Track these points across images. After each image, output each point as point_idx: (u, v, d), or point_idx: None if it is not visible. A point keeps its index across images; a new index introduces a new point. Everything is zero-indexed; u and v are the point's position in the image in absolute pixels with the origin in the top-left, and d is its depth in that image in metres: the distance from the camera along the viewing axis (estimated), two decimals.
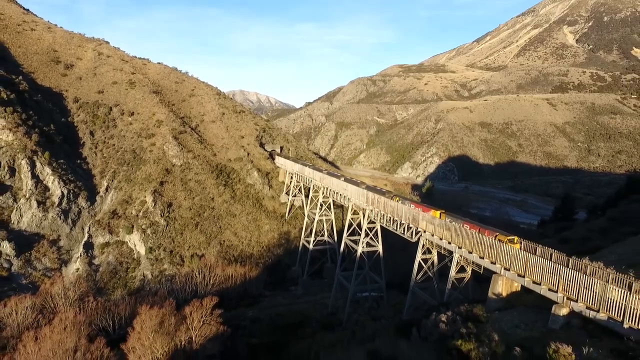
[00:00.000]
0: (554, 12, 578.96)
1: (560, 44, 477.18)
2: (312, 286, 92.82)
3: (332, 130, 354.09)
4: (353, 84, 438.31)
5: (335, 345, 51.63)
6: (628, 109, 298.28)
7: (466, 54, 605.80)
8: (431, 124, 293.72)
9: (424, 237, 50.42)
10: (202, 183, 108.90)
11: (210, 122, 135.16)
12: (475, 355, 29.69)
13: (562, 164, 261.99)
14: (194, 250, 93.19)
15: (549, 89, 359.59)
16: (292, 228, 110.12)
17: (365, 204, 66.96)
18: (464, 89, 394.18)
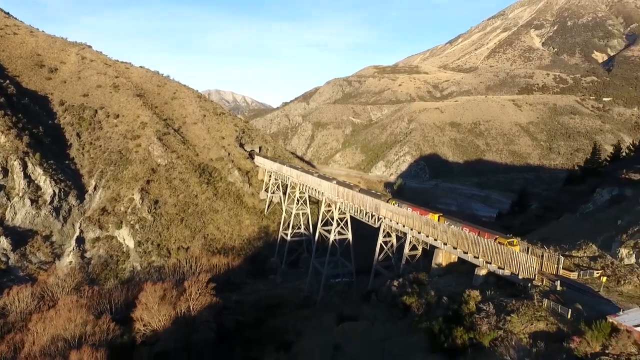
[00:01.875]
0: (522, 15, 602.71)
1: (527, 46, 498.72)
2: (289, 274, 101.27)
3: (309, 130, 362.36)
4: (329, 85, 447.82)
5: (310, 317, 60.46)
6: (586, 110, 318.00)
7: (439, 56, 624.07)
8: (404, 124, 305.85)
9: (384, 223, 59.74)
10: (186, 181, 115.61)
11: (192, 123, 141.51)
12: (415, 305, 39.10)
13: (526, 162, 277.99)
14: (180, 243, 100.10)
15: (516, 90, 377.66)
16: (271, 222, 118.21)
17: (336, 197, 75.91)
18: (436, 90, 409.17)
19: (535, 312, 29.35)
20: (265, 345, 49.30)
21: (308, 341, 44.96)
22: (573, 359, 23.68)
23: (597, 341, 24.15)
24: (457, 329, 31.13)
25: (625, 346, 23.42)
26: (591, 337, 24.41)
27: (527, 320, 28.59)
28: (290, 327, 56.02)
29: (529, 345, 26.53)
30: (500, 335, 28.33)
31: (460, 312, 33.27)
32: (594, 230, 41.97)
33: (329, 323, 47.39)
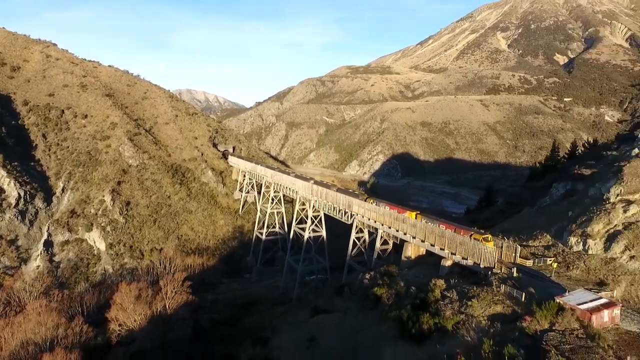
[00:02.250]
0: (489, 18, 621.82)
1: (494, 48, 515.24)
2: (265, 273, 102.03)
3: (283, 130, 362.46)
4: (303, 85, 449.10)
5: (285, 313, 61.70)
6: (549, 110, 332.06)
7: (410, 56, 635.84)
8: (377, 124, 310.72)
9: (357, 219, 61.68)
10: (159, 182, 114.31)
11: (163, 124, 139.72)
12: (385, 296, 41.04)
13: (493, 160, 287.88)
14: (153, 244, 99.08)
15: (483, 90, 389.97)
16: (246, 222, 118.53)
17: (310, 196, 77.39)
18: (408, 90, 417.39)
19: (494, 296, 31.77)
20: (241, 342, 50.18)
21: (284, 336, 46.23)
22: (524, 336, 26.04)
23: (545, 319, 26.62)
24: (423, 315, 33.21)
25: (569, 322, 25.97)
26: (540, 316, 26.88)
27: (486, 304, 30.94)
28: (266, 324, 57.05)
29: (487, 326, 28.82)
30: (462, 319, 30.53)
31: (427, 300, 35.40)
32: (549, 222, 45.17)
33: (304, 317, 48.85)
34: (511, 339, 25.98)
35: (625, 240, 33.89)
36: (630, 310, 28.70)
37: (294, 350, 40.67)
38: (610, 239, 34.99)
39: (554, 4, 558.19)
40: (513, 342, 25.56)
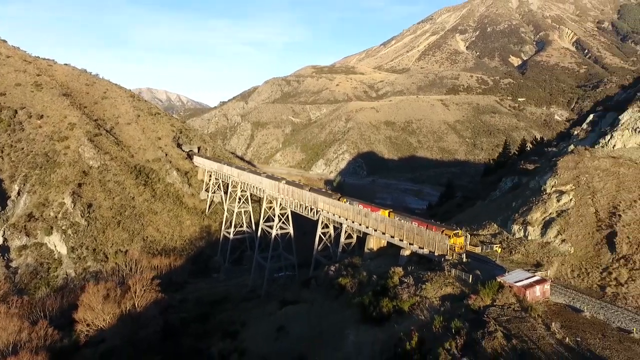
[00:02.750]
0: (448, 21, 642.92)
1: (453, 50, 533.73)
2: (233, 272, 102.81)
3: (248, 129, 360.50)
4: (268, 84, 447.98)
5: (254, 308, 63.28)
6: (504, 109, 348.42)
7: (374, 57, 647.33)
8: (342, 123, 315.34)
9: (323, 215, 64.16)
10: (122, 183, 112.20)
11: (125, 124, 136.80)
12: (349, 285, 43.69)
13: (454, 157, 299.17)
14: (118, 246, 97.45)
15: (444, 90, 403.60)
16: (213, 222, 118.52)
17: (277, 194, 79.19)
18: (372, 90, 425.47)
19: (445, 280, 35.04)
20: (211, 337, 51.42)
21: (253, 328, 47.95)
22: (470, 312, 29.29)
23: (488, 296, 30.02)
24: (383, 300, 36.02)
25: (507, 298, 29.48)
26: (484, 294, 30.27)
27: (438, 287, 34.14)
28: (235, 319, 58.44)
29: (438, 305, 31.95)
30: (417, 301, 33.56)
31: (387, 286, 38.29)
32: (497, 213, 49.38)
33: (272, 310, 50.75)
34: (458, 315, 29.16)
35: (558, 226, 38.15)
36: (559, 286, 32.71)
37: (264, 340, 42.54)
38: (546, 226, 39.22)
39: (508, 8, 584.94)
40: (460, 317, 28.75)
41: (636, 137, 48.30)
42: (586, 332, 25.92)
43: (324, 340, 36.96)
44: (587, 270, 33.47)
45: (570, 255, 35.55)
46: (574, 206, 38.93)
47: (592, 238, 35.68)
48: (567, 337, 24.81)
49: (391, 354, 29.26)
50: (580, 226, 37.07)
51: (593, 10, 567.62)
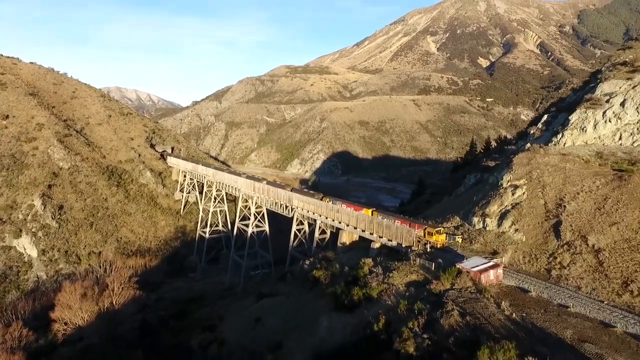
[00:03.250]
0: (419, 22, 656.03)
1: (425, 51, 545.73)
2: (209, 271, 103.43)
3: (222, 129, 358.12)
4: (242, 84, 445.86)
5: (232, 303, 64.78)
6: (473, 109, 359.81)
7: (348, 57, 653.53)
8: (317, 123, 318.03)
9: (297, 212, 66.32)
10: (94, 185, 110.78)
11: (96, 124, 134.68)
12: (323, 277, 46.04)
13: (426, 156, 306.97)
14: (91, 248, 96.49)
15: (416, 91, 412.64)
16: (188, 222, 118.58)
17: (253, 192, 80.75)
18: (346, 90, 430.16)
19: (410, 268, 37.92)
20: (190, 332, 52.74)
21: (231, 320, 49.64)
22: (431, 295, 32.16)
23: (447, 281, 32.99)
24: (354, 288, 38.54)
25: (465, 282, 32.53)
26: (444, 279, 33.24)
27: (404, 275, 36.97)
28: (213, 314, 59.88)
29: (404, 291, 34.73)
30: (385, 288, 36.25)
31: (357, 276, 40.85)
32: (460, 207, 52.88)
33: (250, 303, 52.57)
34: (421, 298, 31.99)
35: (512, 217, 41.73)
36: (512, 271, 36.13)
37: (242, 331, 44.33)
38: (502, 217, 42.78)
39: (477, 11, 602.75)
40: (422, 300, 31.58)
41: (583, 136, 52.82)
42: (531, 308, 29.19)
43: (299, 328, 39.17)
44: (536, 256, 37.03)
45: (522, 243, 39.10)
46: (526, 199, 42.66)
47: (541, 227, 39.36)
48: (514, 313, 27.96)
49: (361, 335, 31.77)
50: (531, 217, 40.75)
51: (555, 15, 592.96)
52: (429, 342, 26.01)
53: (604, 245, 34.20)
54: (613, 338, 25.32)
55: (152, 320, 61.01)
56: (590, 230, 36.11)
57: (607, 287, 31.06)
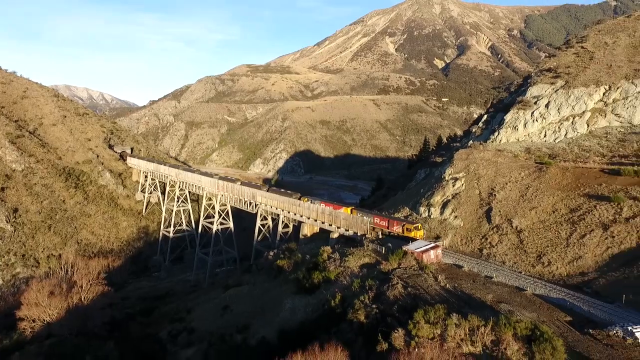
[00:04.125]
0: (378, 23, 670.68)
1: (383, 52, 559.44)
2: (174, 270, 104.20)
3: (182, 129, 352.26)
4: (201, 83, 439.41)
5: (199, 297, 67.05)
6: (430, 109, 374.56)
7: (309, 57, 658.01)
8: (279, 123, 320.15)
9: (261, 208, 69.57)
10: (50, 186, 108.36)
11: (50, 125, 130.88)
12: (286, 265, 49.80)
13: (385, 154, 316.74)
14: (50, 251, 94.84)
15: (375, 91, 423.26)
16: (151, 222, 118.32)
17: (217, 190, 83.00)
18: (307, 90, 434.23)
19: (364, 253, 42.49)
20: (159, 324, 54.83)
21: (199, 311, 52.32)
22: (381, 274, 36.77)
23: (395, 261, 37.74)
24: (314, 273, 42.58)
25: (409, 261, 37.41)
26: (392, 260, 37.96)
27: (358, 258, 41.45)
28: (181, 308, 62.00)
29: (358, 272, 39.16)
30: (341, 271, 40.56)
31: (318, 262, 44.92)
32: (410, 199, 58.27)
33: (217, 294, 55.44)
34: (372, 277, 36.51)
35: (452, 206, 47.32)
36: (451, 251, 41.51)
37: (210, 319, 47.24)
38: (444, 206, 48.29)
39: (432, 14, 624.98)
40: (373, 278, 36.10)
41: (515, 134, 59.69)
42: (462, 280, 34.40)
43: (265, 312, 42.74)
44: (471, 238, 42.64)
45: (460, 228, 44.68)
46: (464, 189, 48.40)
47: (476, 214, 45.10)
48: (448, 284, 33.01)
49: (320, 312, 35.84)
50: (468, 205, 46.46)
51: (504, 19, 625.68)
52: (376, 310, 30.44)
53: (524, 227, 40.22)
54: (523, 299, 30.87)
55: (119, 317, 62.30)
56: (514, 214, 42.13)
57: (525, 261, 36.91)
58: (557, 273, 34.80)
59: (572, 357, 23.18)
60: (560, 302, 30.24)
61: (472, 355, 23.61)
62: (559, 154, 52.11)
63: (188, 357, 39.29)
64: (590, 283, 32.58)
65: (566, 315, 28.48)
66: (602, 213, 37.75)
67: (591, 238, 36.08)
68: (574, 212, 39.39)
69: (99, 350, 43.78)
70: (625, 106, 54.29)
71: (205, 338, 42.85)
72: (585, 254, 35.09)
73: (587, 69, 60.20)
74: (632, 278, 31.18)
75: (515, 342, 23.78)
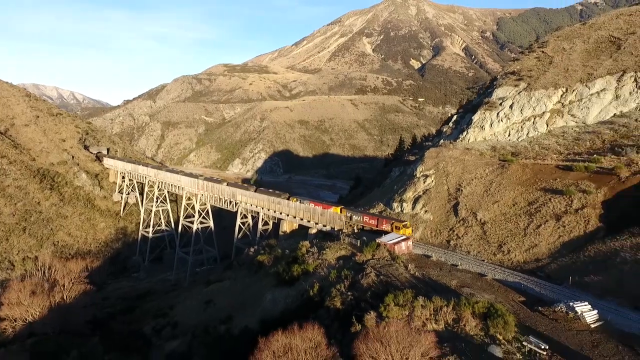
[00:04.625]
0: (355, 24, 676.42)
1: (361, 52, 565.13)
2: (154, 270, 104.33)
3: (158, 130, 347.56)
4: (178, 82, 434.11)
5: (180, 294, 68.25)
6: (406, 108, 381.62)
7: (287, 56, 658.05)
8: (257, 122, 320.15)
9: (241, 206, 71.24)
10: (24, 188, 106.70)
11: (23, 125, 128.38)
12: (267, 260, 51.84)
13: (363, 153, 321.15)
14: (25, 253, 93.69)
15: (353, 91, 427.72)
16: (129, 223, 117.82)
17: (197, 190, 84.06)
18: (285, 90, 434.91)
19: (340, 246, 44.99)
20: (141, 321, 55.92)
21: (182, 306, 53.76)
22: (356, 264, 39.35)
23: (369, 253, 40.39)
24: (294, 266, 44.77)
25: (382, 253, 40.12)
26: (366, 251, 40.60)
27: (335, 251, 43.93)
28: (163, 305, 63.11)
29: (335, 264, 41.64)
30: (319, 263, 42.92)
31: (297, 256, 47.14)
32: (384, 195, 61.21)
33: (199, 290, 56.94)
34: (348, 267, 39.04)
35: (423, 201, 50.41)
36: (421, 243, 44.51)
37: (194, 313, 48.82)
38: (415, 201, 51.36)
39: (408, 15, 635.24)
40: (349, 268, 38.62)
41: (482, 133, 63.45)
42: (430, 268, 37.35)
43: (247, 304, 44.69)
44: (440, 231, 45.76)
45: (430, 222, 47.79)
46: (434, 186, 51.60)
47: (444, 208, 48.30)
48: (417, 272, 35.87)
49: (299, 301, 38.10)
50: (437, 200, 49.65)
51: (477, 21, 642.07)
52: (351, 297, 32.95)
53: (487, 219, 43.59)
54: (484, 283, 34.01)
55: (101, 316, 62.92)
56: (479, 208, 45.48)
57: (488, 250, 40.21)
58: (515, 260, 38.21)
59: (522, 330, 26.24)
60: (516, 285, 33.53)
61: (435, 332, 26.36)
62: (521, 152, 55.98)
63: (173, 349, 40.86)
64: (543, 268, 36.04)
65: (520, 296, 31.73)
66: (556, 205, 41.46)
67: (545, 228, 39.66)
68: (531, 205, 42.99)
69: (82, 346, 44.77)
70: (580, 107, 58.73)
71: (189, 331, 44.46)
72: (540, 242, 38.62)
73: (547, 73, 64.53)
74: (578, 263, 34.76)
75: (473, 319, 26.70)
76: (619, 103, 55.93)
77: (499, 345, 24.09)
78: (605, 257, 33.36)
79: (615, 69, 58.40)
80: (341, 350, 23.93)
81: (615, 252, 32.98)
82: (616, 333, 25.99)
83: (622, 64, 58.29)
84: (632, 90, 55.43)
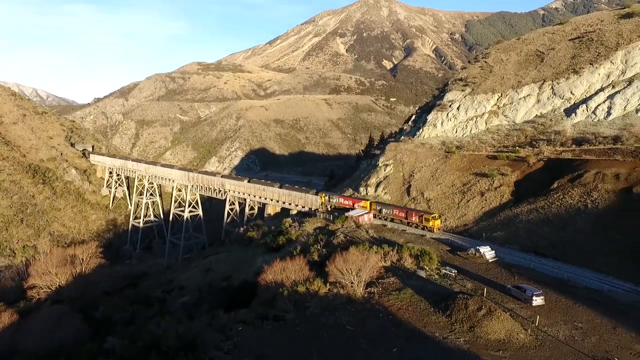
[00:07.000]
0: (329, 24, 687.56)
1: (334, 52, 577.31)
2: (145, 258, 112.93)
3: (132, 128, 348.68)
4: (151, 80, 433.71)
5: (177, 271, 77.86)
6: (379, 108, 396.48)
7: (261, 55, 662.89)
8: (233, 121, 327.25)
9: (230, 194, 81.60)
10: (18, 183, 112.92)
11: (11, 123, 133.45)
12: (256, 236, 62.71)
13: (337, 152, 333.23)
14: (24, 242, 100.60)
15: (327, 90, 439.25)
16: (118, 215, 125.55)
17: (187, 181, 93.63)
18: (260, 89, 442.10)
19: (317, 220, 56.48)
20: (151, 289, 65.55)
21: (185, 275, 63.85)
22: (329, 231, 50.91)
23: (339, 224, 52.03)
24: (279, 237, 55.91)
25: (350, 223, 51.87)
26: (337, 222, 52.25)
27: (313, 224, 55.33)
28: (166, 277, 72.73)
29: (313, 232, 53.05)
30: (300, 233, 54.22)
31: (282, 230, 58.29)
32: (354, 183, 73.00)
33: (198, 263, 67.13)
34: (323, 233, 50.52)
35: (383, 185, 62.45)
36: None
37: (196, 278, 59.10)
38: (377, 186, 63.36)
39: (380, 16, 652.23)
40: (324, 234, 50.11)
41: (434, 130, 76.20)
42: (385, 232, 49.30)
43: (241, 269, 55.45)
44: None
45: (389, 201, 59.79)
46: (392, 173, 63.72)
47: (400, 190, 60.45)
48: (375, 234, 47.72)
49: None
50: (395, 184, 61.77)
51: (447, 23, 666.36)
52: (325, 251, 44.37)
53: (432, 197, 55.96)
54: (424, 240, 46.28)
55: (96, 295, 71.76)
56: (426, 189, 57.84)
57: None
58: (450, 226, 50.54)
59: (442, 264, 38.39)
60: (446, 241, 45.87)
61: (384, 267, 38.19)
62: (464, 146, 68.88)
63: (184, 301, 51.16)
64: (468, 230, 48.55)
65: (447, 247, 44.03)
66: (482, 185, 54.12)
67: (473, 202, 52.22)
68: (465, 186, 55.54)
69: (107, 303, 54.48)
70: (511, 109, 72.15)
71: (195, 291, 54.79)
72: (468, 212, 51.12)
73: (487, 80, 77.83)
74: (492, 224, 47.40)
75: (410, 258, 38.67)
76: (540, 106, 69.53)
77: (424, 271, 36.12)
78: (509, 219, 46.06)
79: (538, 78, 72.06)
80: (319, 275, 35.35)
81: (515, 216, 45.69)
82: (504, 264, 38.53)
83: (543, 74, 71.99)
84: (549, 96, 69.12)
